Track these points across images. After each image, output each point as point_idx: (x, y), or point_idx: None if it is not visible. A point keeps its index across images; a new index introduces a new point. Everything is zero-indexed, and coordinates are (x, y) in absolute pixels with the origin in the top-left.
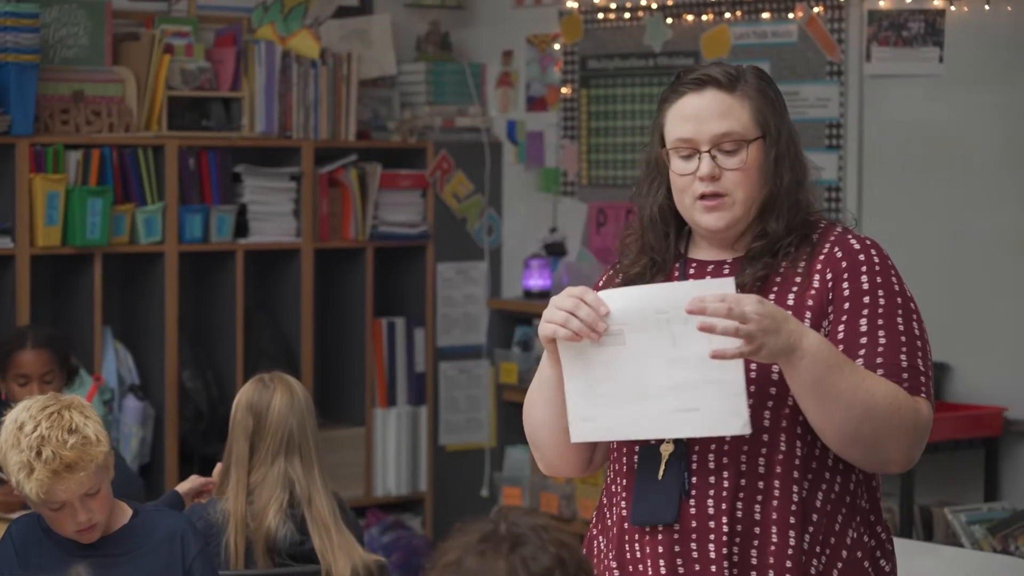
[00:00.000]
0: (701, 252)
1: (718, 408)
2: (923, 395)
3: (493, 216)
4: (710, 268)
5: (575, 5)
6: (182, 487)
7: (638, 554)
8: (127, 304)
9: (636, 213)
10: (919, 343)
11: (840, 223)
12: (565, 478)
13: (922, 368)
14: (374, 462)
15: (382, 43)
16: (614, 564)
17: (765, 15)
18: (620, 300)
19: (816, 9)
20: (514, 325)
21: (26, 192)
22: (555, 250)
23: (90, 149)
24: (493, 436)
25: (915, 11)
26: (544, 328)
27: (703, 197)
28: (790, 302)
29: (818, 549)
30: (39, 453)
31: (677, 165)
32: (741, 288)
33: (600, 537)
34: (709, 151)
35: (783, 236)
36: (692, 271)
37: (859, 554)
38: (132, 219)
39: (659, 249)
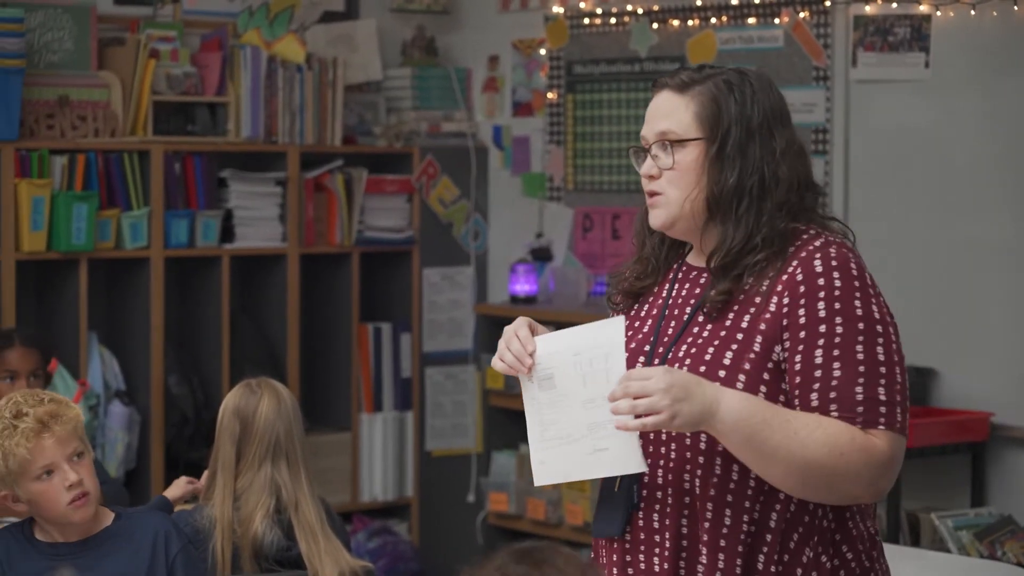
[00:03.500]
0: (692, 256)
1: (622, 447)
2: (881, 426)
3: (479, 221)
4: (692, 274)
5: (561, 10)
6: (170, 492)
7: (603, 561)
8: (113, 309)
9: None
10: (882, 369)
11: (826, 233)
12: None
13: (883, 397)
14: (360, 467)
15: (368, 48)
16: (603, 563)
17: (751, 20)
18: (550, 344)
19: (802, 14)
20: (500, 330)
21: (11, 197)
22: (541, 255)
23: (75, 154)
24: (479, 441)
25: (901, 16)
26: (493, 360)
27: (647, 193)
28: (744, 324)
29: (767, 568)
30: (16, 415)
31: (639, 165)
32: (701, 308)
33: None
34: (650, 150)
35: (747, 248)
36: (680, 275)
37: (814, 574)
38: (118, 224)
39: (655, 254)
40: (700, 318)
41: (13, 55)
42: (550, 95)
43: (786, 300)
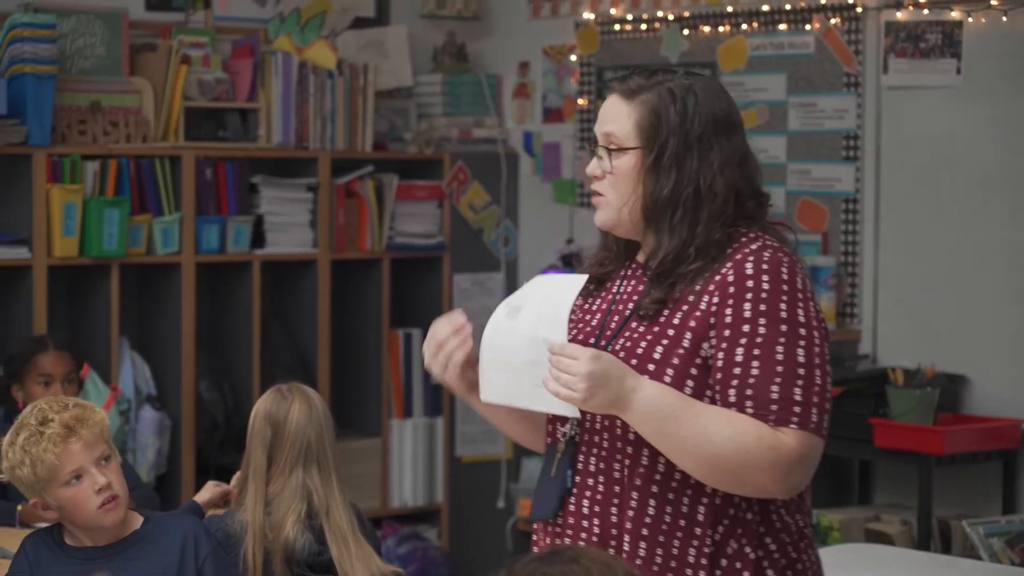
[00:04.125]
0: (641, 254)
1: None
2: (793, 425)
3: (509, 227)
4: (638, 272)
5: (591, 16)
6: (200, 497)
7: (540, 545)
8: (144, 314)
9: None
10: (800, 370)
11: (764, 237)
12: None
13: (798, 398)
14: (390, 473)
15: (398, 54)
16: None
17: (782, 26)
18: (546, 281)
19: (833, 20)
20: None
21: (43, 203)
22: (571, 261)
23: (107, 160)
24: (509, 447)
25: (932, 22)
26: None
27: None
28: (675, 321)
29: (692, 560)
30: (43, 422)
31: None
32: (637, 311)
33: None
34: (595, 150)
35: (681, 257)
36: (630, 272)
37: (738, 565)
38: (149, 230)
39: (614, 248)
40: (639, 314)
41: (45, 61)
42: (580, 101)
43: (716, 299)
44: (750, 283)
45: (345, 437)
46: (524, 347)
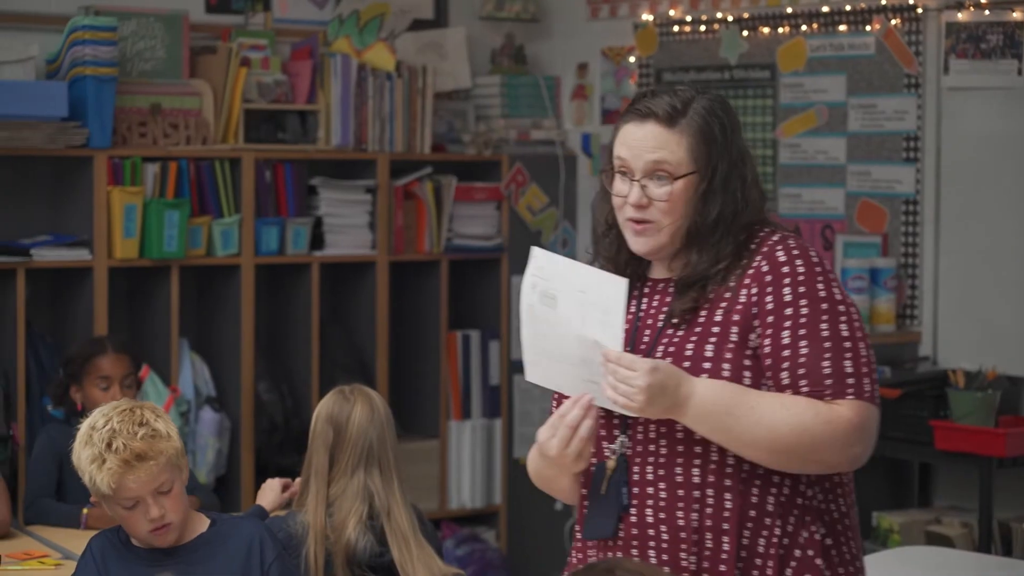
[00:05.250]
0: (654, 268)
1: None
2: (849, 395)
3: (568, 229)
4: (660, 287)
5: (650, 18)
6: (265, 500)
7: (592, 558)
8: (203, 316)
9: (597, 220)
10: (847, 344)
11: (780, 230)
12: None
13: (848, 369)
14: (448, 475)
15: (457, 56)
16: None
17: (842, 27)
18: (561, 267)
19: (893, 21)
20: None
21: (104, 205)
22: None
23: (167, 162)
24: None
25: (993, 23)
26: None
27: (632, 220)
28: (717, 318)
29: (762, 551)
30: (109, 444)
31: (616, 186)
32: (670, 319)
33: (575, 551)
34: (640, 180)
35: (711, 267)
36: (648, 290)
37: (811, 552)
38: (209, 232)
39: (612, 258)
40: (673, 322)
41: (106, 63)
42: None
43: (754, 290)
44: (785, 269)
45: (403, 439)
46: (573, 344)
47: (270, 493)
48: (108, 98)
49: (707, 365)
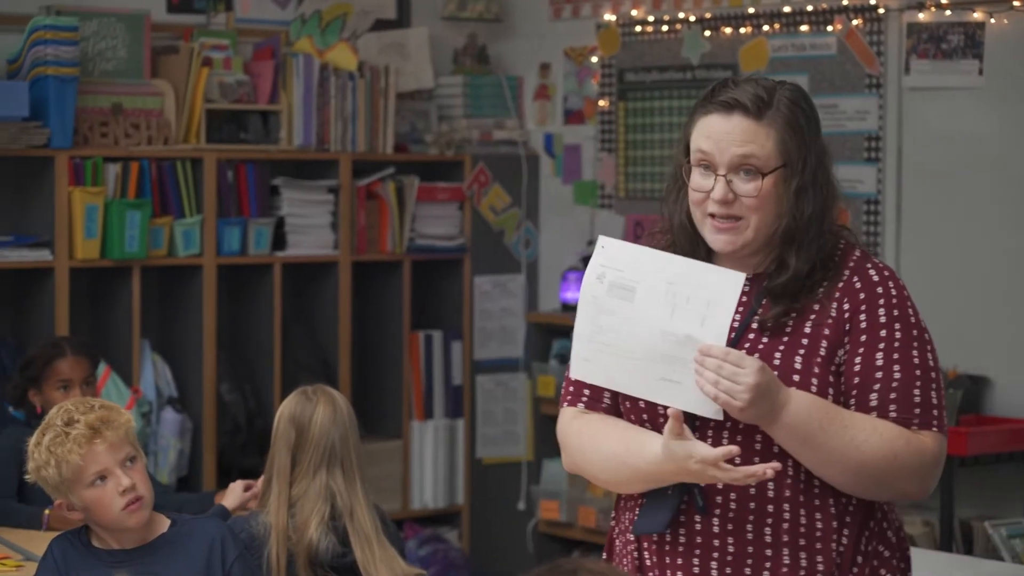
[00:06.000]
0: (723, 264)
1: (697, 390)
2: (934, 428)
3: (530, 229)
4: (744, 285)
5: (613, 18)
6: (228, 501)
7: (648, 562)
8: (165, 317)
9: (666, 216)
10: (933, 374)
11: (859, 245)
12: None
13: (935, 401)
14: (411, 475)
15: (419, 56)
16: (636, 564)
17: (804, 28)
18: (644, 258)
19: (855, 22)
20: (551, 338)
21: (65, 205)
22: None
23: (129, 162)
24: (530, 449)
25: (954, 24)
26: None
27: (714, 216)
28: (807, 330)
29: (830, 568)
30: (68, 423)
31: (695, 180)
32: (762, 325)
33: (619, 537)
34: (725, 175)
35: (805, 273)
36: None
37: (875, 563)
38: (170, 232)
39: (691, 254)
40: (754, 326)
41: (67, 63)
42: (602, 103)
43: (847, 306)
44: (879, 289)
45: (366, 439)
46: (654, 338)
47: (232, 496)
48: (69, 98)
49: (796, 378)
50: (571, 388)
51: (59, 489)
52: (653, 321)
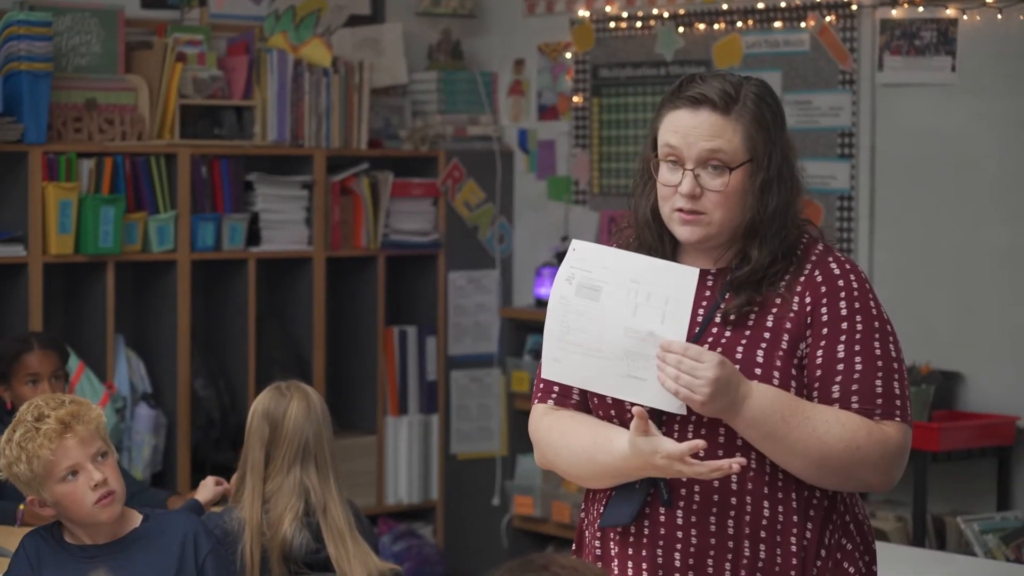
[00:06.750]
0: (687, 259)
1: (661, 387)
2: (897, 418)
3: (504, 225)
4: (708, 280)
5: (586, 14)
6: (200, 495)
7: (612, 552)
8: (139, 312)
9: (631, 211)
10: (895, 364)
11: (822, 238)
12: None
13: (897, 391)
14: (385, 470)
15: (394, 52)
16: (598, 555)
17: (777, 24)
18: (610, 258)
19: (828, 18)
20: (526, 334)
21: (39, 200)
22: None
23: (103, 157)
24: (505, 445)
25: (927, 20)
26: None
27: (681, 210)
28: (769, 323)
29: (795, 561)
30: (39, 418)
31: (663, 175)
32: (726, 316)
33: (588, 529)
34: (692, 169)
35: (767, 265)
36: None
37: (838, 556)
38: (144, 227)
39: (657, 248)
40: (717, 320)
41: (41, 59)
42: (576, 99)
43: (808, 299)
44: (840, 282)
45: (340, 434)
46: (617, 337)
47: (205, 491)
48: (43, 93)
49: (758, 371)
50: (541, 385)
51: (31, 485)
52: (618, 319)
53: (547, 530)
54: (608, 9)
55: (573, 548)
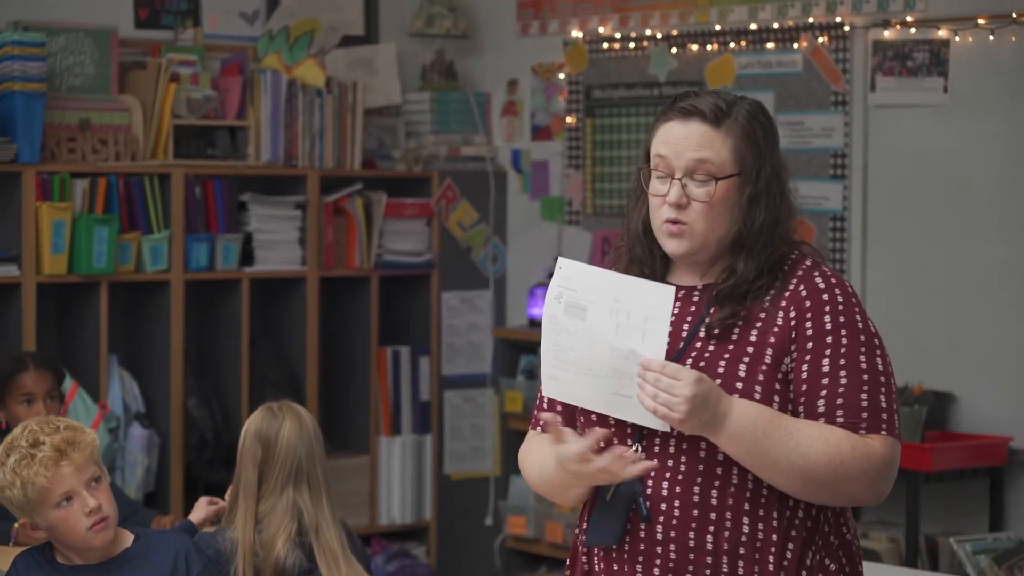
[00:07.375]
0: (677, 274)
1: None
2: (883, 431)
3: (498, 245)
4: (682, 293)
5: (580, 35)
6: (194, 516)
7: (597, 568)
8: (133, 332)
9: (624, 226)
10: (882, 378)
11: (810, 255)
12: (571, 507)
13: (883, 404)
14: (379, 490)
15: (387, 72)
16: (585, 571)
17: (770, 45)
18: (593, 277)
19: (821, 39)
20: (519, 354)
21: (32, 220)
22: None
23: (96, 177)
24: (498, 465)
25: (920, 41)
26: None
27: (668, 221)
28: (752, 338)
29: (773, 572)
30: (34, 444)
31: (653, 185)
32: (710, 330)
33: (581, 546)
34: (680, 178)
35: (752, 278)
36: (680, 296)
37: None
38: (138, 247)
39: (647, 263)
40: (701, 334)
41: (35, 79)
42: (569, 119)
43: (793, 314)
44: (825, 296)
45: (333, 455)
46: (604, 354)
47: (198, 511)
48: (37, 113)
49: (740, 385)
50: (535, 413)
51: (24, 509)
52: (603, 338)
53: (540, 550)
54: (601, 30)
55: (567, 565)
